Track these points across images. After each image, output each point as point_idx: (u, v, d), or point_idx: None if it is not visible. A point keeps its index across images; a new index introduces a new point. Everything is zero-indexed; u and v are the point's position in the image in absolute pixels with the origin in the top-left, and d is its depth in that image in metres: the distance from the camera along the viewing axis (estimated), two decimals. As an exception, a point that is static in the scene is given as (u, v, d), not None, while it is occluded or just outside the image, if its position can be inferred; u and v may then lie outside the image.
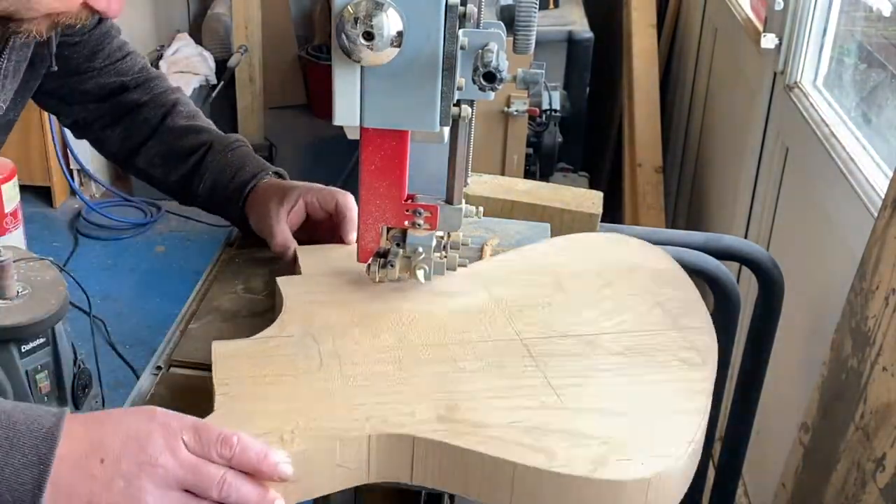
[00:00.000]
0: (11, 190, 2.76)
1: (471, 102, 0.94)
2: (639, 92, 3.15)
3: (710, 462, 1.83)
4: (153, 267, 3.38)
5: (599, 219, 1.40)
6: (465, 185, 1.03)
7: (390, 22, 0.85)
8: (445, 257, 1.06)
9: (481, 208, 1.06)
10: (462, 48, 0.89)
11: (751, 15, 2.46)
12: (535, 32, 0.91)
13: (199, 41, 4.15)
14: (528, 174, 2.93)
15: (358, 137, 0.95)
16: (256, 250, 1.25)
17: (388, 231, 1.02)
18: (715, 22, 2.94)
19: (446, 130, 0.97)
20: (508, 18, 1.26)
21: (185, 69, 3.84)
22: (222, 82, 3.86)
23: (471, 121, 0.98)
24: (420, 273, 1.02)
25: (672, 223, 3.18)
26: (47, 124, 3.45)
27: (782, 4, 2.08)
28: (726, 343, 1.43)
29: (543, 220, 1.37)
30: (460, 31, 0.88)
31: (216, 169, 1.24)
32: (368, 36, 0.85)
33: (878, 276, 1.27)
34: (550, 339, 1.00)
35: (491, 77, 0.86)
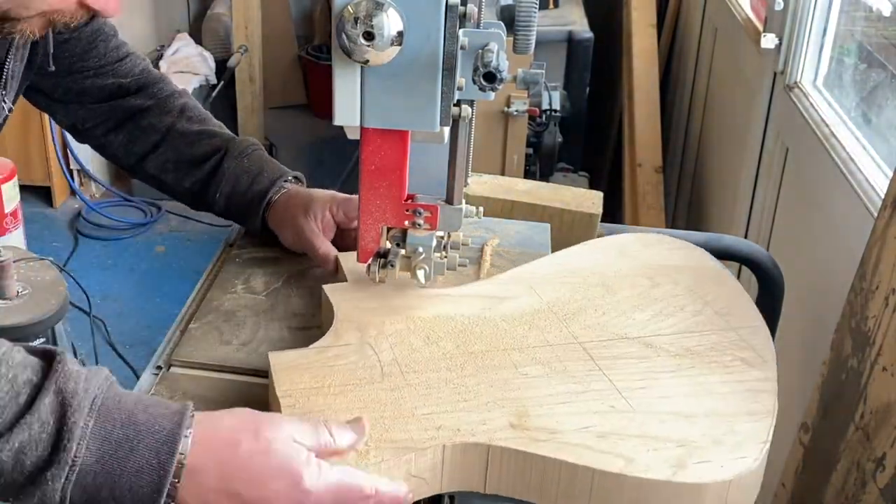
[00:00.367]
0: (11, 190, 2.75)
1: (471, 102, 0.94)
2: (639, 92, 3.15)
3: (710, 462, 1.83)
4: (153, 267, 3.38)
5: (599, 219, 1.40)
6: (465, 185, 1.03)
7: (390, 22, 0.85)
8: (446, 257, 1.05)
9: (481, 208, 1.06)
10: (462, 48, 0.89)
11: (751, 15, 2.46)
12: (535, 32, 0.91)
13: (199, 41, 4.15)
14: (528, 174, 2.93)
15: (358, 137, 0.95)
16: (256, 250, 1.25)
17: (388, 231, 1.02)
18: (715, 22, 2.93)
19: (446, 130, 0.97)
20: (508, 18, 1.26)
21: (185, 69, 3.85)
22: (222, 82, 3.86)
23: (471, 121, 0.97)
24: (420, 273, 1.02)
25: (672, 223, 3.18)
26: (47, 124, 3.44)
27: (782, 4, 2.07)
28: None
29: (543, 220, 1.36)
30: (460, 31, 0.88)
31: (232, 176, 1.23)
32: (369, 36, 0.85)
33: (878, 276, 1.27)
34: (609, 342, 1.00)
35: (491, 77, 0.86)
